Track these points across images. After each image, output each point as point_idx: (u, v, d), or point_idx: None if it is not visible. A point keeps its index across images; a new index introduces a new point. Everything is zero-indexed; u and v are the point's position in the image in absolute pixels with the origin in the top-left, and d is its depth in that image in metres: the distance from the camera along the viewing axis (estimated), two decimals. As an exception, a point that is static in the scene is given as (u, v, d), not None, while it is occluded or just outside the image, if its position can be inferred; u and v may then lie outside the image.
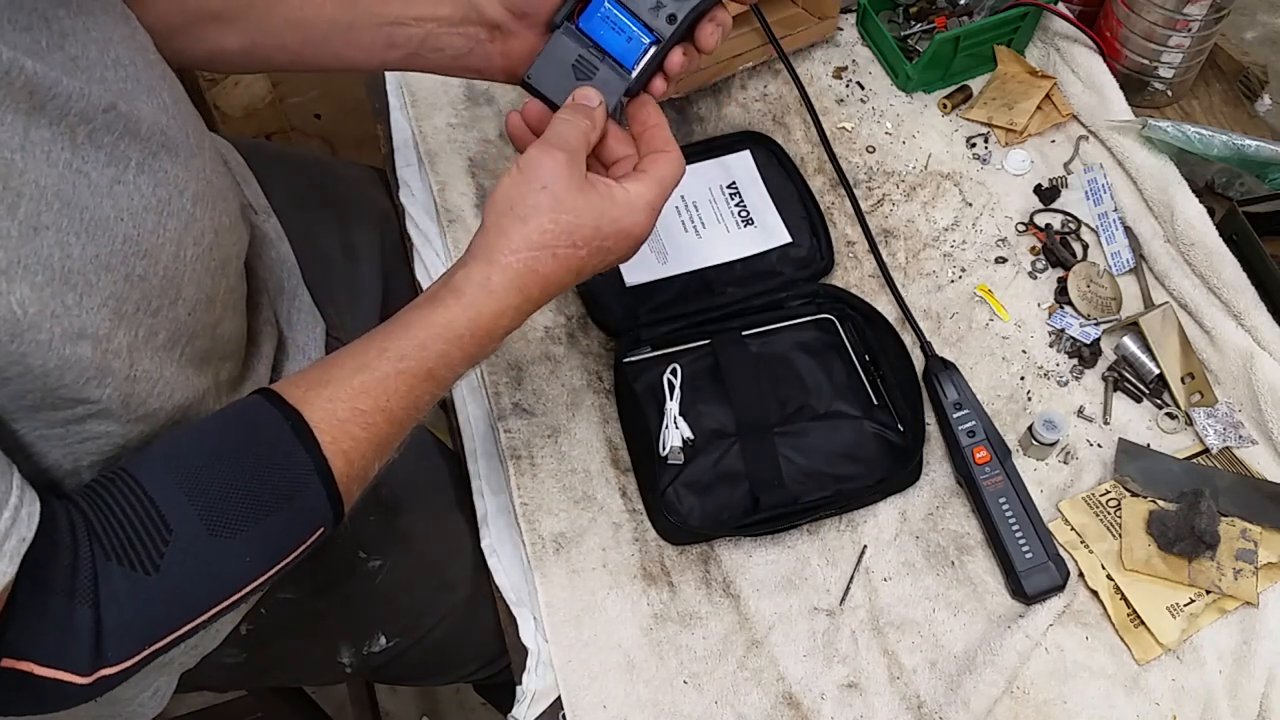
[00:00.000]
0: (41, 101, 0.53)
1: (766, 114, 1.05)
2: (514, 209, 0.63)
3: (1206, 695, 0.76)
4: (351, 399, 0.59)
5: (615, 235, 0.64)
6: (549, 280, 0.63)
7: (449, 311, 0.62)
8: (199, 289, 0.63)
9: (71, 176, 0.54)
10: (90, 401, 0.56)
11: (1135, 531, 0.80)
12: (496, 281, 0.62)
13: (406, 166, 1.02)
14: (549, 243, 0.62)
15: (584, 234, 0.63)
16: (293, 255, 0.92)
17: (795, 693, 0.76)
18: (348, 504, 0.59)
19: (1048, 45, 1.07)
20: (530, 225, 0.62)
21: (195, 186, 0.63)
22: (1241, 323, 0.88)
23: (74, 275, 0.53)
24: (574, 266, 0.64)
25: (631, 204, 0.65)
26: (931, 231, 0.98)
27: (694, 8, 0.67)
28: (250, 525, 0.56)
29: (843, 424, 0.86)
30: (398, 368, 0.60)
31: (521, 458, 0.85)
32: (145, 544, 0.53)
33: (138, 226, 0.57)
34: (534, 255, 0.62)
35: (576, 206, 0.63)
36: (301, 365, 0.84)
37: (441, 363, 0.61)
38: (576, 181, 0.63)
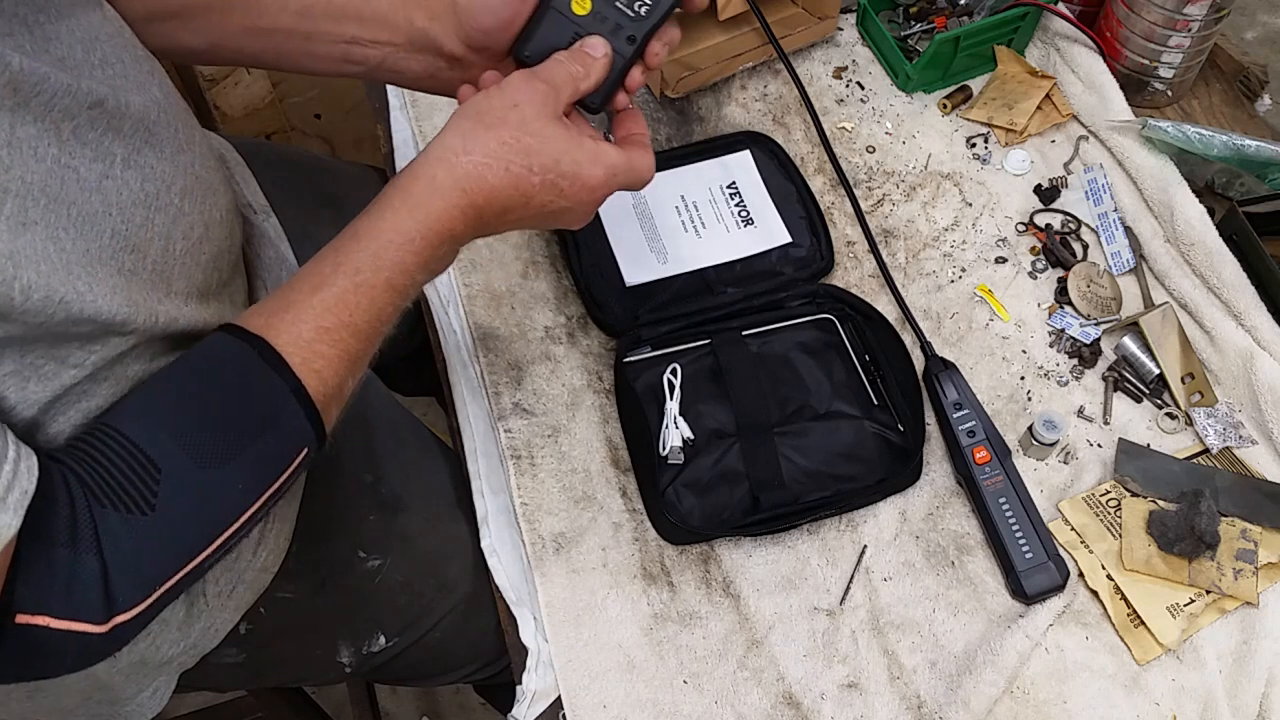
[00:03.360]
0: (26, 98, 0.53)
1: (766, 114, 1.05)
2: (480, 117, 0.63)
3: (1206, 695, 0.76)
4: (314, 318, 0.59)
5: (571, 179, 0.64)
6: (495, 193, 0.62)
7: (396, 215, 0.61)
8: (190, 282, 0.63)
9: (59, 172, 0.54)
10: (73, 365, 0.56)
11: (1135, 531, 0.80)
12: (442, 179, 0.62)
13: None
14: (504, 155, 0.62)
15: (541, 160, 0.63)
16: (292, 254, 0.92)
17: (795, 692, 0.76)
18: (328, 422, 0.60)
19: (1048, 45, 1.07)
20: (490, 134, 0.62)
21: (183, 181, 0.63)
22: (1241, 323, 0.88)
23: (75, 267, 0.54)
24: (524, 190, 0.63)
25: (596, 157, 0.65)
26: (931, 231, 0.98)
27: (650, 29, 0.69)
28: (236, 453, 0.56)
29: (843, 424, 0.86)
30: (354, 281, 0.60)
31: (521, 458, 0.85)
32: (136, 485, 0.53)
33: (126, 221, 0.57)
34: (485, 162, 0.62)
35: (543, 133, 0.63)
36: None
37: (397, 270, 0.61)
38: (550, 111, 0.63)
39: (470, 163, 0.62)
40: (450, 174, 0.62)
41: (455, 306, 0.93)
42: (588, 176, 0.65)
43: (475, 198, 0.62)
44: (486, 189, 0.62)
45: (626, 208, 0.97)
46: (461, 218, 0.62)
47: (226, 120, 1.59)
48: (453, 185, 0.62)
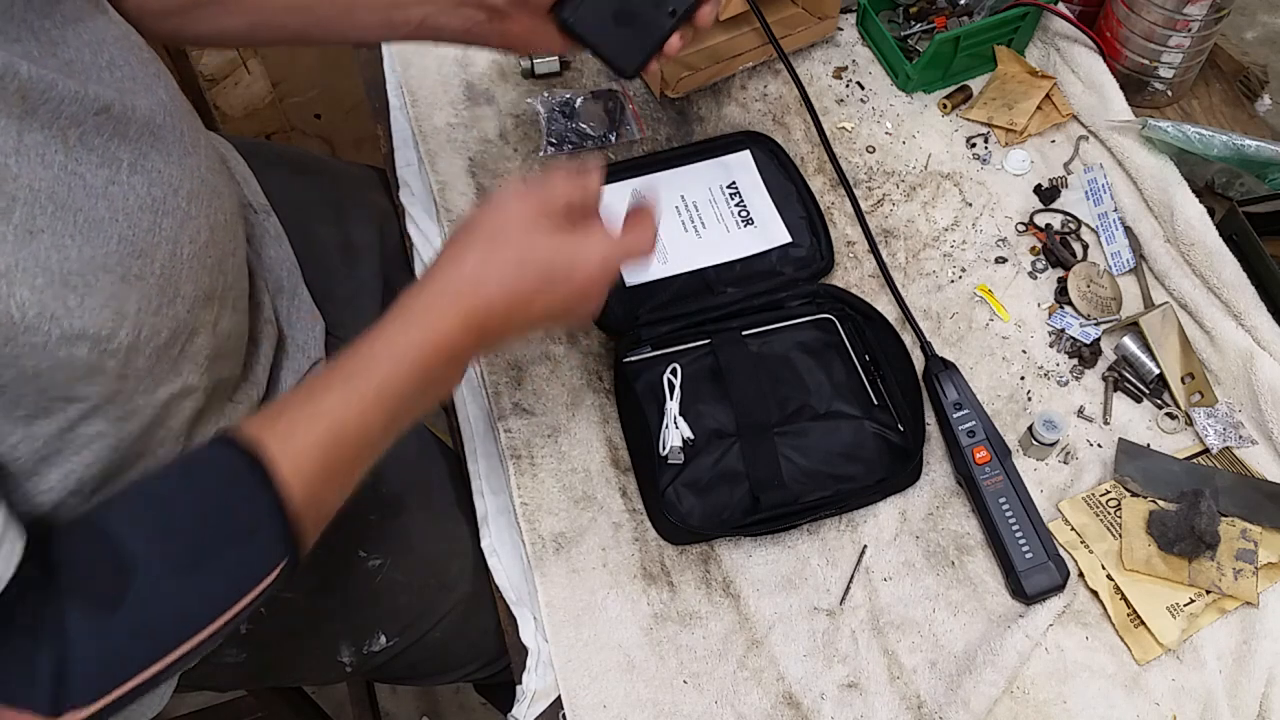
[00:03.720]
0: (34, 105, 0.53)
1: (766, 114, 1.05)
2: (472, 232, 0.64)
3: (1206, 695, 0.76)
4: (305, 430, 0.58)
5: (566, 276, 0.65)
6: (493, 304, 0.63)
7: (391, 329, 0.62)
8: (197, 286, 0.63)
9: (66, 179, 0.54)
10: (79, 400, 0.56)
11: (1135, 531, 0.80)
12: (438, 295, 0.63)
13: (406, 166, 1.02)
14: (498, 267, 0.63)
15: (535, 266, 0.64)
16: (293, 254, 0.92)
17: (795, 692, 0.76)
18: (306, 541, 0.59)
19: (1048, 45, 1.07)
20: (482, 248, 0.63)
21: (190, 184, 0.63)
22: (1241, 323, 0.88)
23: (73, 277, 0.54)
24: (522, 295, 0.64)
25: (589, 248, 0.65)
26: (931, 231, 0.98)
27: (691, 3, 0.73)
28: (211, 562, 0.55)
29: (843, 424, 0.86)
30: (345, 393, 0.60)
31: (521, 458, 0.85)
32: (107, 582, 0.53)
33: (133, 226, 0.57)
34: (480, 277, 0.63)
35: (534, 242, 0.64)
36: (301, 364, 0.84)
37: (389, 384, 0.61)
38: (541, 223, 0.64)
39: (464, 278, 0.63)
40: (445, 290, 0.63)
41: (455, 306, 0.93)
42: (583, 270, 0.65)
43: (474, 312, 0.63)
44: (484, 302, 0.63)
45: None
46: (461, 332, 0.62)
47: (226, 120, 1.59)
48: (449, 301, 0.62)
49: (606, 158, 1.01)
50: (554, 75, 1.06)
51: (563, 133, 1.02)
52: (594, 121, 1.03)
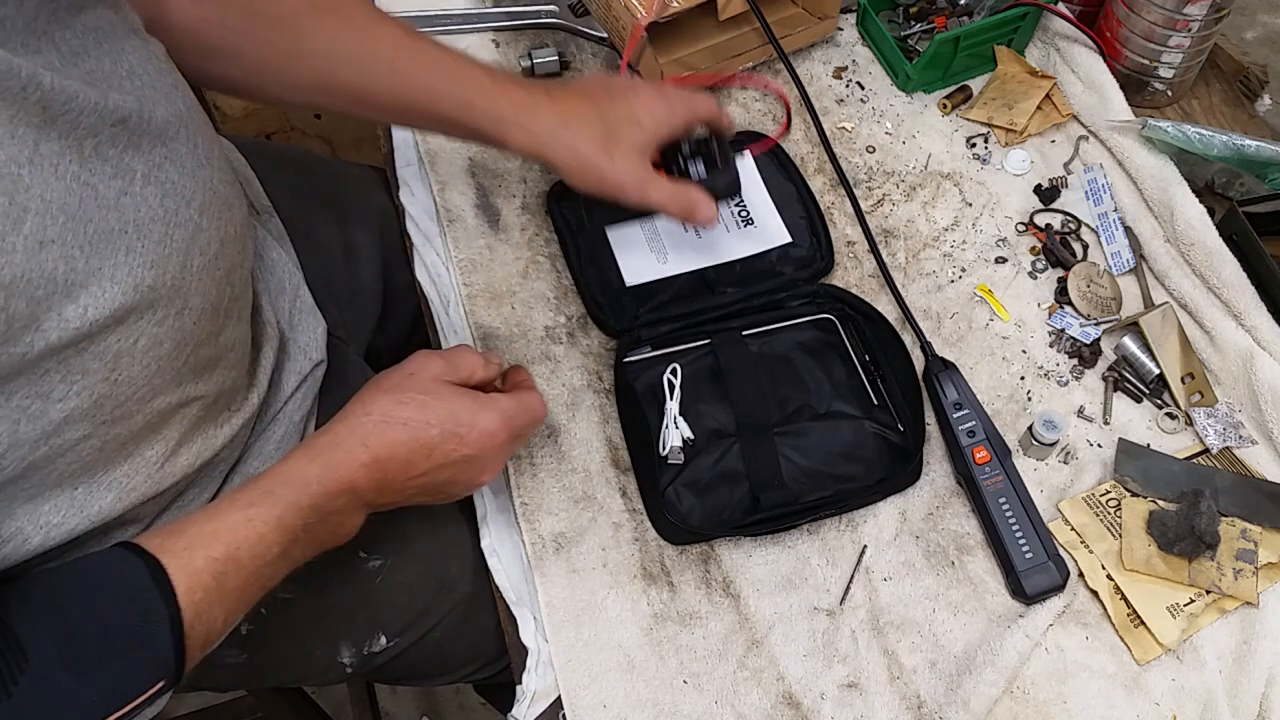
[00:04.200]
0: (54, 116, 0.53)
1: (766, 114, 1.05)
2: (379, 383, 0.69)
3: (1206, 695, 0.76)
4: (204, 547, 0.59)
5: (469, 425, 0.68)
6: (396, 447, 0.66)
7: (297, 460, 0.65)
8: (204, 298, 0.63)
9: (79, 190, 0.54)
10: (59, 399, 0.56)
11: (1135, 531, 0.80)
12: (344, 434, 0.65)
13: (406, 166, 1.02)
14: (401, 412, 0.66)
15: (437, 413, 0.67)
16: (295, 256, 0.92)
17: (795, 692, 0.76)
18: (190, 660, 0.59)
19: (1048, 45, 1.07)
20: (388, 396, 0.67)
21: (202, 197, 0.63)
22: (1241, 323, 0.88)
23: (75, 289, 0.53)
24: (425, 441, 0.67)
25: (490, 405, 0.70)
26: (931, 231, 0.98)
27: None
28: (102, 666, 0.55)
29: (843, 424, 0.86)
30: (246, 514, 0.61)
31: (521, 458, 0.85)
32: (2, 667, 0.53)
33: (143, 238, 0.57)
34: (384, 419, 0.66)
35: (437, 391, 0.69)
36: (303, 366, 0.84)
37: (290, 510, 0.62)
38: (444, 378, 0.70)
39: (370, 421, 0.66)
40: (352, 431, 0.66)
41: (455, 306, 0.93)
42: (485, 422, 0.69)
43: (377, 451, 0.65)
44: (388, 443, 0.66)
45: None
46: (363, 471, 0.65)
47: (227, 120, 1.59)
48: (354, 440, 0.65)
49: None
50: (554, 75, 1.06)
51: (563, 133, 1.01)
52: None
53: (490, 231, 0.96)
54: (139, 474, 0.65)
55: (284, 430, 0.81)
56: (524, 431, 0.73)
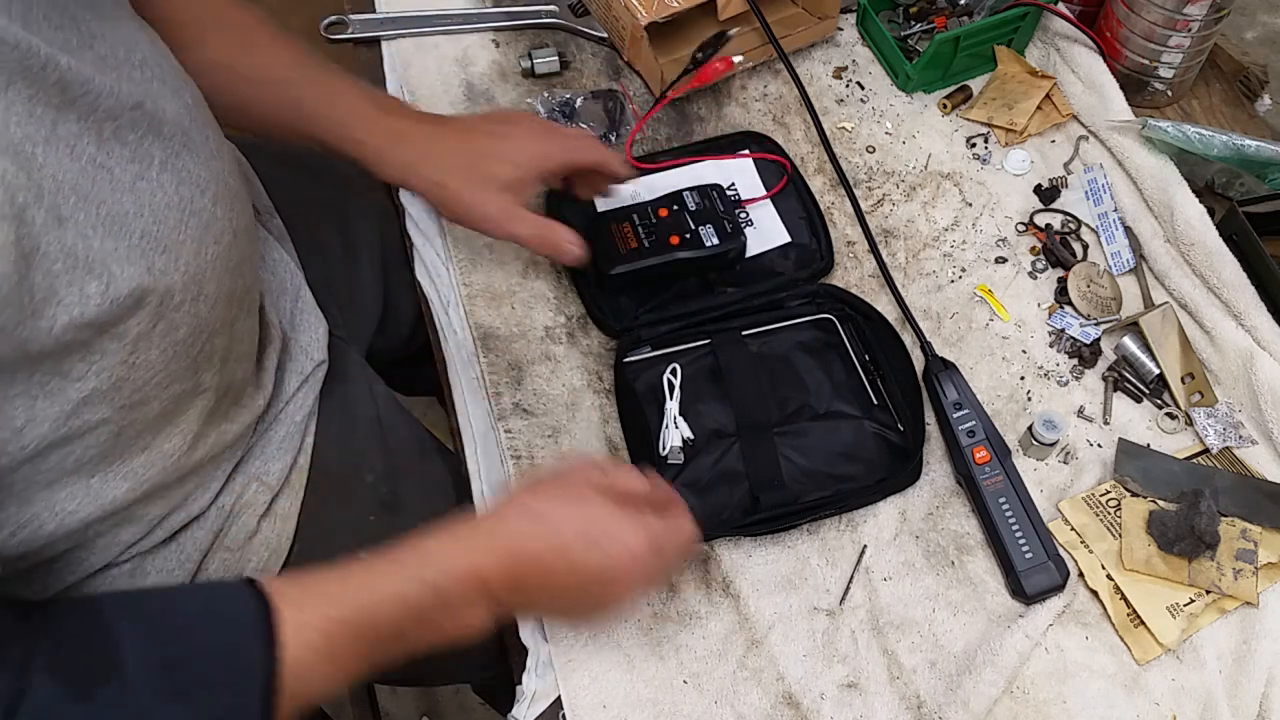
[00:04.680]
0: (73, 97, 0.54)
1: (766, 114, 1.05)
2: (535, 487, 0.67)
3: (1206, 695, 0.76)
4: (321, 603, 0.58)
5: (613, 538, 0.66)
6: (531, 545, 0.64)
7: (433, 537, 0.64)
8: (219, 287, 0.64)
9: (93, 171, 0.55)
10: (74, 377, 0.56)
11: (1135, 531, 0.80)
12: (485, 523, 0.65)
13: (406, 166, 1.02)
14: (553, 516, 0.65)
15: (586, 524, 0.65)
16: (295, 255, 0.92)
17: (795, 692, 0.76)
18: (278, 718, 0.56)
19: (1048, 45, 1.07)
20: (537, 494, 0.66)
21: (215, 188, 0.63)
22: (1241, 323, 0.88)
23: (95, 265, 0.54)
24: (564, 547, 0.65)
25: (638, 522, 0.67)
26: (931, 231, 0.98)
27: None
28: (186, 698, 0.54)
29: (843, 424, 0.86)
30: (371, 580, 0.60)
31: (521, 458, 0.85)
32: (88, 671, 0.51)
33: (159, 223, 0.58)
34: (526, 516, 0.65)
35: (591, 500, 0.66)
36: (304, 365, 0.84)
37: (415, 586, 0.61)
38: (599, 491, 0.67)
39: (513, 515, 0.65)
40: (495, 521, 0.65)
41: (455, 306, 0.93)
42: (628, 536, 0.66)
43: (512, 545, 0.64)
44: (525, 539, 0.64)
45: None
46: (496, 562, 0.63)
47: (227, 120, 1.59)
48: (494, 530, 0.64)
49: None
50: (554, 75, 1.06)
51: (563, 133, 1.02)
52: (594, 121, 1.03)
53: (490, 231, 0.96)
54: (154, 466, 0.66)
55: (286, 430, 0.81)
56: (670, 556, 0.70)
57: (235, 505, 0.77)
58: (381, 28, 1.09)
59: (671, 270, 0.91)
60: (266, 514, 0.80)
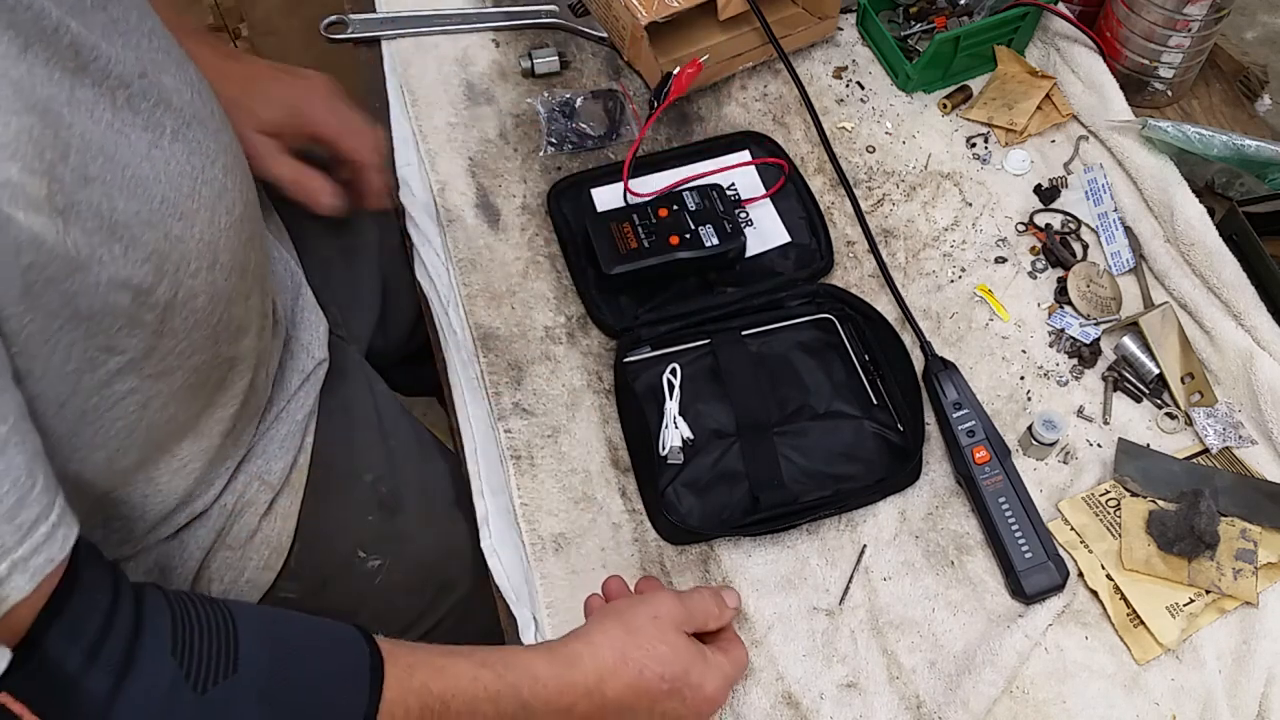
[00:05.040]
0: (85, 62, 0.54)
1: (766, 114, 1.05)
2: (622, 616, 0.68)
3: (1206, 695, 0.76)
4: (427, 673, 0.59)
5: (695, 689, 0.67)
6: (625, 690, 0.65)
7: (536, 653, 0.65)
8: (233, 257, 0.65)
9: (114, 135, 0.55)
10: (120, 352, 0.56)
11: (1135, 531, 0.80)
12: (585, 656, 0.65)
13: (406, 166, 1.02)
14: (640, 658, 0.66)
15: (672, 669, 0.66)
16: (295, 253, 0.92)
17: (794, 692, 0.76)
18: None
19: (1048, 45, 1.07)
20: (631, 638, 0.66)
21: (225, 159, 0.64)
22: (1241, 323, 0.88)
23: (119, 228, 0.54)
24: (652, 693, 0.66)
25: (718, 671, 0.69)
26: (931, 231, 0.98)
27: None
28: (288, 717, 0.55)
29: (842, 424, 0.86)
30: (475, 670, 0.61)
31: (521, 458, 0.85)
32: (209, 661, 0.52)
33: (175, 189, 0.58)
34: (622, 660, 0.65)
35: (677, 645, 0.67)
36: (305, 364, 0.84)
37: (510, 694, 0.62)
38: (682, 630, 0.69)
39: (611, 655, 0.65)
40: (592, 655, 0.65)
41: (455, 306, 0.93)
42: (710, 688, 0.68)
43: (605, 686, 0.65)
44: (620, 683, 0.65)
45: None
46: (586, 699, 0.64)
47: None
48: (590, 665, 0.65)
49: (607, 158, 1.01)
50: (554, 75, 1.06)
51: (563, 132, 1.02)
52: (594, 121, 1.03)
53: (490, 231, 0.96)
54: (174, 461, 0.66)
55: (288, 429, 0.81)
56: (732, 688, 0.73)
57: (237, 504, 0.77)
58: (381, 27, 1.09)
59: (671, 270, 0.91)
60: (267, 513, 0.80)
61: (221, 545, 0.78)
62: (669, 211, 0.92)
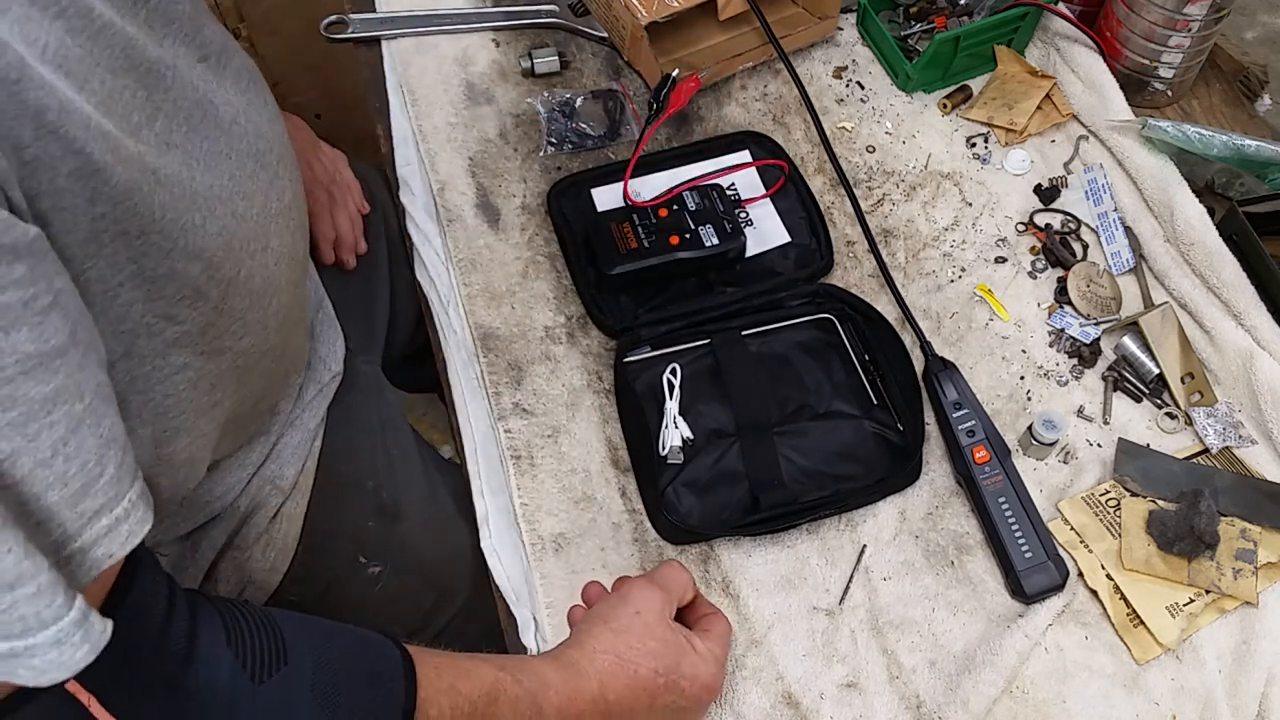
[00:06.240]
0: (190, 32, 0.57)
1: (766, 114, 1.05)
2: (608, 622, 0.67)
3: (1206, 695, 0.76)
4: (455, 674, 0.60)
5: (691, 679, 0.68)
6: (624, 693, 0.66)
7: (544, 661, 0.66)
8: (281, 243, 0.65)
9: (204, 106, 0.56)
10: (176, 320, 0.57)
11: (1135, 531, 0.80)
12: (583, 663, 0.65)
13: (406, 166, 1.02)
14: (634, 658, 0.66)
15: (665, 664, 0.67)
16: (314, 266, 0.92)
17: (794, 692, 0.76)
18: None
19: (1048, 45, 1.07)
20: (620, 639, 0.66)
21: (278, 148, 0.65)
22: (1241, 323, 0.88)
23: (198, 198, 0.55)
24: (651, 690, 0.66)
25: (709, 656, 0.70)
26: (931, 231, 0.98)
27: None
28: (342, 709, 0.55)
29: (842, 424, 0.86)
30: (498, 673, 0.62)
31: (521, 458, 0.85)
32: (262, 654, 0.53)
33: (240, 168, 0.60)
34: (618, 662, 0.66)
35: (665, 638, 0.67)
36: (322, 375, 0.85)
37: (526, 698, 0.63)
38: (666, 619, 0.69)
39: (606, 659, 0.66)
40: (590, 661, 0.66)
41: (455, 306, 0.93)
42: (706, 676, 0.69)
43: (607, 690, 0.65)
44: (618, 686, 0.65)
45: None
46: (591, 705, 0.65)
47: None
48: (591, 670, 0.65)
49: (607, 158, 1.01)
50: (554, 75, 1.06)
51: (563, 132, 1.02)
52: (594, 121, 1.03)
53: (490, 231, 0.96)
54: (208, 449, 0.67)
55: (300, 437, 0.82)
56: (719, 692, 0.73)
57: (250, 507, 0.78)
58: (381, 27, 1.09)
59: (671, 270, 0.91)
60: (276, 516, 0.80)
61: (231, 546, 0.78)
62: (669, 211, 0.92)
